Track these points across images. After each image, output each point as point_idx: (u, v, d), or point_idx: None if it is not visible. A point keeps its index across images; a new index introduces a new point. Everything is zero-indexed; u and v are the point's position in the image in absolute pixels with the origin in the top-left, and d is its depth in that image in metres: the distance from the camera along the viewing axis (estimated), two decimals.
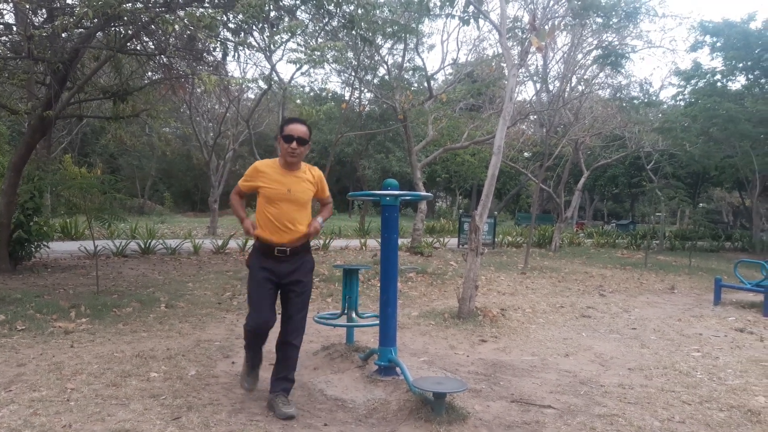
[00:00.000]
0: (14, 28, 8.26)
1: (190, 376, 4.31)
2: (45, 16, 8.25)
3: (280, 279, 3.68)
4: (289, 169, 3.73)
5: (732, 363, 5.36)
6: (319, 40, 10.70)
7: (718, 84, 20.67)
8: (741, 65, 20.38)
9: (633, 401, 4.14)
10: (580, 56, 15.51)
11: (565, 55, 15.48)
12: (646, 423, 3.72)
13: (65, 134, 24.70)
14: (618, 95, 19.42)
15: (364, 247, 14.94)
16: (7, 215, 8.80)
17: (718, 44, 20.57)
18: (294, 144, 3.66)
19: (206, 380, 4.23)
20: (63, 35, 7.71)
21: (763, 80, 20.43)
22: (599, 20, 13.15)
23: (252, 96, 21.34)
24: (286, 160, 3.70)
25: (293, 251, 3.70)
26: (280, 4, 8.60)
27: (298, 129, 3.69)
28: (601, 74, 17.14)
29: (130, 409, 3.58)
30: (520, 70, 11.86)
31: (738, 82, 21.53)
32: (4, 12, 8.48)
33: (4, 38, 8.42)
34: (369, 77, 15.29)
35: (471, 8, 9.36)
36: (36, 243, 9.50)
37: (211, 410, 3.64)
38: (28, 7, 7.44)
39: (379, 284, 4.57)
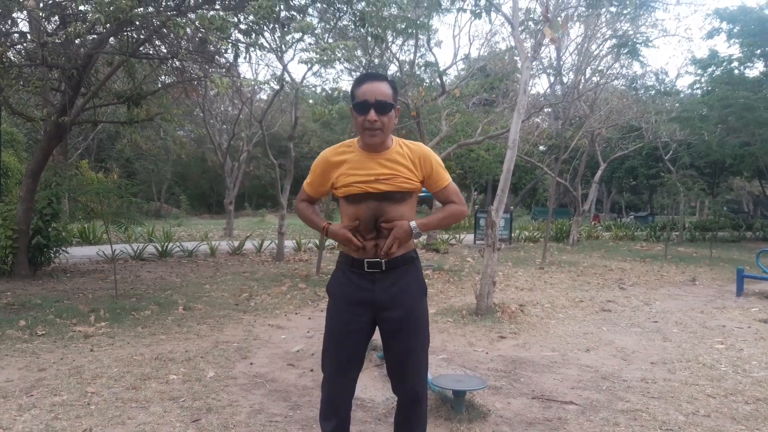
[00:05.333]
0: (28, 36, 8.33)
1: (209, 377, 4.31)
2: (58, 23, 8.31)
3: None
4: (375, 151, 2.49)
5: (757, 355, 5.26)
6: (329, 39, 10.68)
7: (736, 71, 20.33)
8: (759, 51, 20.02)
9: (656, 395, 4.07)
10: (594, 47, 15.34)
11: (579, 47, 15.32)
12: (670, 417, 3.65)
13: (81, 140, 24.97)
14: (634, 85, 19.19)
15: None
16: (26, 221, 8.90)
17: (735, 30, 20.24)
18: (372, 114, 2.38)
19: (225, 382, 4.24)
20: (76, 41, 7.76)
21: None
22: (613, 10, 12.98)
23: (264, 97, 21.42)
24: (364, 140, 2.47)
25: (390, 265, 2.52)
26: (291, 3, 8.58)
27: (377, 89, 2.39)
28: (616, 64, 16.94)
29: (149, 412, 3.59)
30: (534, 63, 11.75)
31: (756, 69, 21.17)
32: (18, 20, 8.55)
33: (18, 46, 8.50)
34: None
35: (482, 1, 9.27)
36: (55, 248, 9.60)
37: (230, 412, 3.64)
38: (41, 14, 7.50)
39: None
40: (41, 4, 7.59)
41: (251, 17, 7.76)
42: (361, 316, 2.50)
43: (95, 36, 8.21)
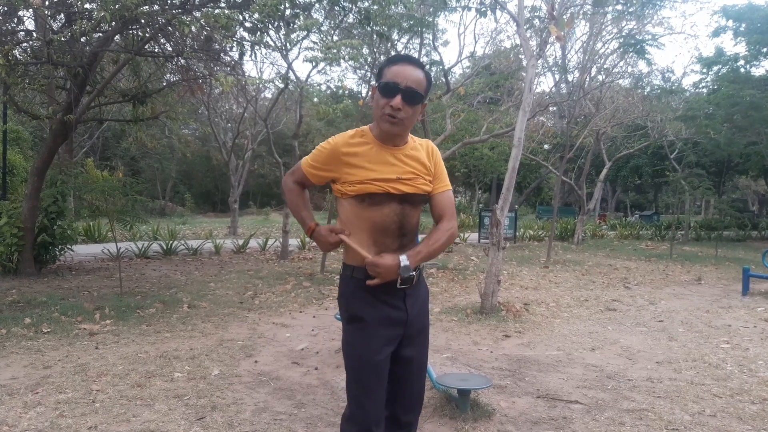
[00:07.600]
0: (34, 34, 8.34)
1: (214, 375, 4.32)
2: (63, 21, 8.32)
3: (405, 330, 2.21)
4: (393, 144, 2.16)
5: (763, 354, 5.24)
6: (335, 37, 10.67)
7: (742, 70, 20.23)
8: (765, 50, 19.92)
9: (662, 395, 4.05)
10: (600, 45, 15.29)
11: (585, 45, 15.27)
12: (676, 417, 3.63)
13: (87, 138, 25.04)
14: (640, 84, 19.11)
15: None
16: (31, 219, 8.92)
17: (741, 28, 20.13)
18: (398, 101, 2.04)
19: (229, 380, 4.24)
20: (82, 39, 7.77)
21: None
22: (619, 8, 12.93)
23: (269, 95, 21.40)
24: (381, 127, 2.12)
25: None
26: (296, 2, 8.57)
27: (410, 75, 2.06)
28: (622, 63, 16.88)
29: (154, 410, 3.59)
30: (539, 61, 11.71)
31: (762, 68, 21.07)
32: (24, 18, 8.57)
33: (24, 44, 8.51)
34: None
35: None
36: (60, 246, 9.62)
37: (234, 410, 3.64)
38: (47, 12, 7.50)
39: None
40: (47, 2, 7.60)
41: (256, 15, 7.77)
42: (396, 336, 2.18)
43: (101, 34, 8.21)
